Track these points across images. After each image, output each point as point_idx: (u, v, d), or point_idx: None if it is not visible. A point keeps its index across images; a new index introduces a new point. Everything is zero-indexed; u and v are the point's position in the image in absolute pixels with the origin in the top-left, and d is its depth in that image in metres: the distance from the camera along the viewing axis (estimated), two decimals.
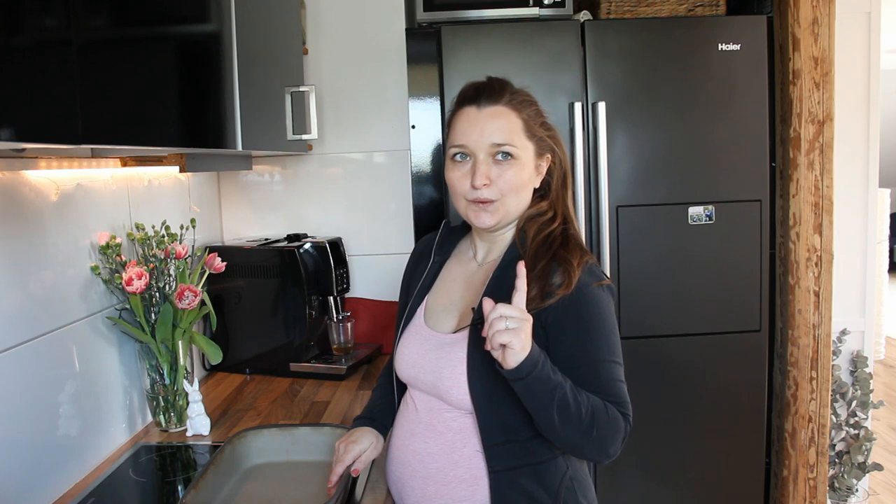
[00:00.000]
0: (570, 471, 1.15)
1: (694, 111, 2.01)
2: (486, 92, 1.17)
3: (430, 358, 1.18)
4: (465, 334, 1.15)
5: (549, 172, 1.23)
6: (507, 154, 1.15)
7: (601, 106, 1.96)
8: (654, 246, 2.05)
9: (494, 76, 1.22)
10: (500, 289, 1.13)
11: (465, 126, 1.17)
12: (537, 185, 1.22)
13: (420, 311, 1.26)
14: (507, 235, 1.23)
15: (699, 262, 2.06)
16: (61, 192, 1.36)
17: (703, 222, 2.04)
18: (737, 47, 1.99)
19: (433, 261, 1.31)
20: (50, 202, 1.33)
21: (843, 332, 2.42)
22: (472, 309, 1.17)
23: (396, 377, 1.28)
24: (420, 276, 1.30)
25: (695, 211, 2.04)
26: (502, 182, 1.15)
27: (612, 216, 2.01)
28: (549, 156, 1.22)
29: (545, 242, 1.16)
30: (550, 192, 1.23)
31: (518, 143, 1.15)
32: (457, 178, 1.18)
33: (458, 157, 1.18)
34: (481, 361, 1.10)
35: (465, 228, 1.34)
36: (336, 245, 2.06)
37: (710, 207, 2.04)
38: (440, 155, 2.12)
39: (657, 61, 2.00)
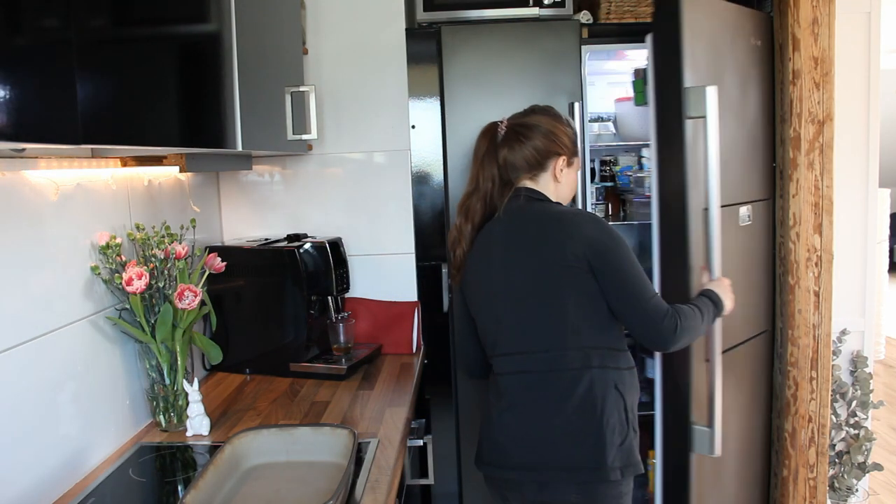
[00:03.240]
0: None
1: None
2: None
3: None
4: None
5: None
6: None
7: None
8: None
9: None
10: None
11: None
12: None
13: None
14: None
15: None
16: (61, 192, 1.36)
17: (747, 223, 2.03)
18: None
19: None
20: (50, 202, 1.33)
21: (843, 332, 2.42)
22: None
23: None
24: None
25: (742, 212, 2.02)
26: None
27: None
28: None
29: None
30: None
31: None
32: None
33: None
34: None
35: None
36: (336, 245, 2.06)
37: (749, 207, 2.03)
38: (440, 155, 2.12)
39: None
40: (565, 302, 1.46)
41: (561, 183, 1.58)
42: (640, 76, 2.23)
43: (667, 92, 1.79)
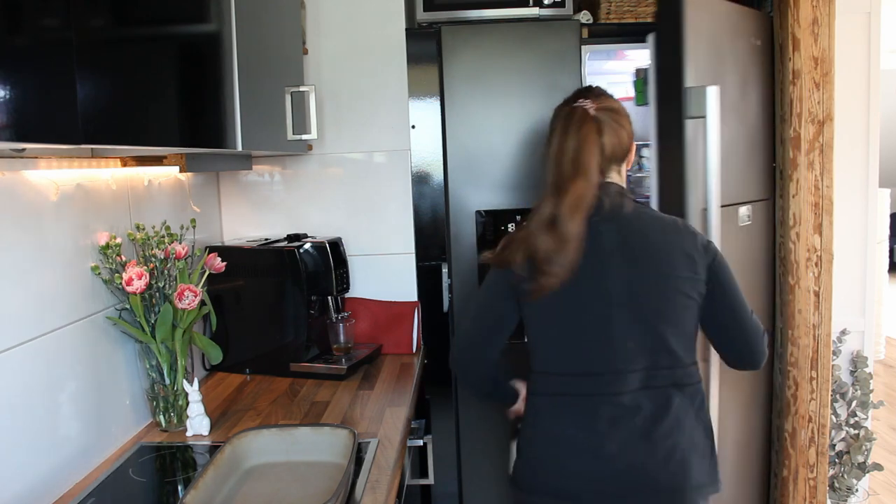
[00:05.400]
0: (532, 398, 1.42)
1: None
2: None
3: None
4: None
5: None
6: None
7: None
8: None
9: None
10: None
11: None
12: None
13: None
14: None
15: None
16: (61, 192, 1.36)
17: (746, 223, 2.03)
18: (758, 42, 1.98)
19: None
20: (50, 202, 1.33)
21: (843, 332, 2.42)
22: None
23: None
24: None
25: (742, 212, 2.02)
26: None
27: None
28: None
29: None
30: None
31: None
32: None
33: None
34: None
35: None
36: (336, 245, 2.06)
37: (749, 207, 2.03)
38: (440, 155, 2.12)
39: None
40: (686, 314, 1.35)
41: (622, 177, 1.45)
42: (640, 76, 2.23)
43: (668, 91, 1.79)
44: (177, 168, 1.56)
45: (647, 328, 1.33)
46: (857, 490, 2.37)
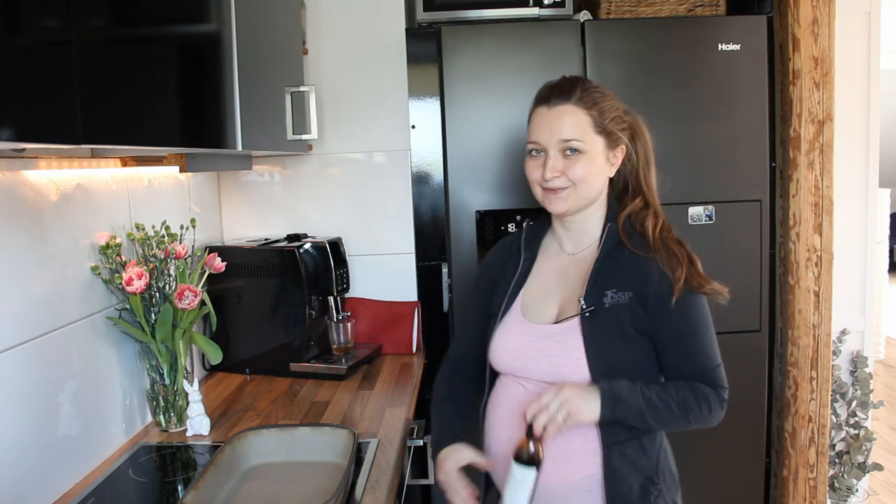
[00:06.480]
0: (663, 439, 1.32)
1: (694, 111, 2.01)
2: (556, 91, 1.29)
3: (540, 348, 1.26)
4: (573, 323, 1.25)
5: (631, 163, 1.33)
6: (575, 149, 1.26)
7: None
8: None
9: (569, 75, 1.33)
10: (605, 276, 1.26)
11: (538, 125, 1.29)
12: (611, 175, 1.32)
13: (516, 306, 1.34)
14: (592, 227, 1.33)
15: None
16: (61, 192, 1.36)
17: (703, 222, 2.04)
18: (737, 47, 1.99)
19: (524, 258, 1.39)
20: (50, 202, 1.33)
21: (843, 332, 2.42)
22: (579, 299, 1.26)
23: (491, 367, 1.36)
24: (513, 274, 1.38)
25: (695, 211, 2.04)
26: (571, 173, 1.26)
27: None
28: (623, 147, 1.30)
29: (667, 235, 1.28)
30: (640, 184, 1.33)
31: (585, 139, 1.26)
32: (531, 169, 1.31)
33: (533, 153, 1.31)
34: (599, 348, 1.22)
35: (545, 226, 1.41)
36: (336, 245, 2.06)
37: (710, 207, 2.04)
38: (440, 155, 2.12)
39: (657, 61, 2.00)
40: None
41: None
42: None
43: None
44: (177, 168, 1.56)
45: None
46: (857, 490, 2.37)
